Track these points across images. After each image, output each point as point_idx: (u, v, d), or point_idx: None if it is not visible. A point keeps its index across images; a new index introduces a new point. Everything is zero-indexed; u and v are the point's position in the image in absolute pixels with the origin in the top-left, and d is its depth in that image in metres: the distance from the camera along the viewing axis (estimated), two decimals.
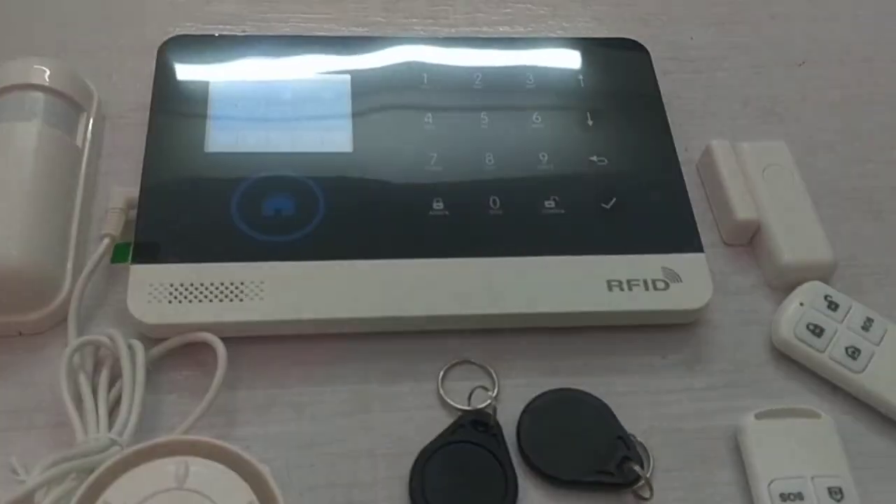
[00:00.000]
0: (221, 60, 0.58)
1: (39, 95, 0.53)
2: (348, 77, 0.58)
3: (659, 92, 0.59)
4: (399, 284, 0.50)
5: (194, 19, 0.63)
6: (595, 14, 0.67)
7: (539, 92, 0.59)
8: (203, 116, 0.55)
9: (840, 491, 0.46)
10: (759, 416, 0.48)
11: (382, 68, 0.59)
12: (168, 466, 0.38)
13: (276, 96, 0.57)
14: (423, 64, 0.59)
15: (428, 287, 0.50)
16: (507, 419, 0.48)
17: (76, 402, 0.45)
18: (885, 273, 0.56)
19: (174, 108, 0.55)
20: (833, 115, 0.63)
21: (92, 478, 0.37)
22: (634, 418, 0.49)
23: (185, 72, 0.57)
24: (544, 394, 0.49)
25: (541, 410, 0.48)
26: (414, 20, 0.65)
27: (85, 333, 0.48)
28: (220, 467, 0.38)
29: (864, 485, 0.47)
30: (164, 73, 0.56)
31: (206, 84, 0.56)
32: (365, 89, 0.57)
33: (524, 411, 0.48)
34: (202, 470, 0.38)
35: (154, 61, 0.57)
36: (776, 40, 0.67)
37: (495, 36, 0.65)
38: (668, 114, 0.58)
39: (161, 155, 0.53)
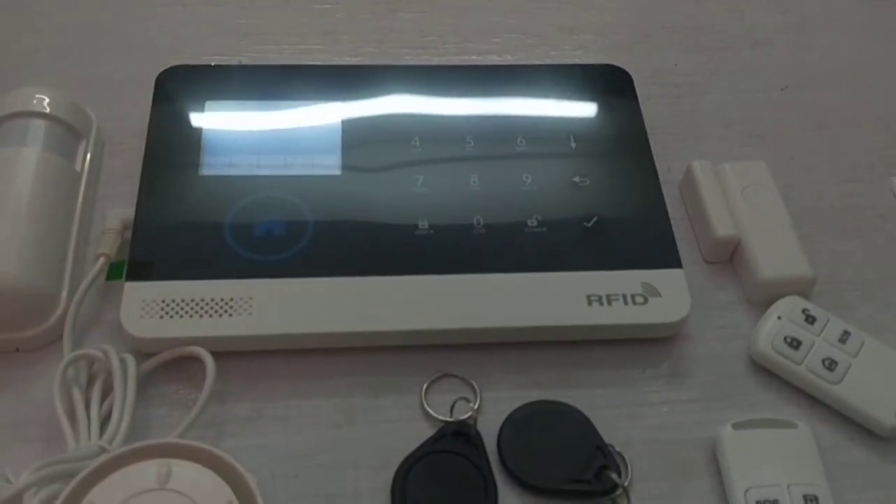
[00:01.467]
0: (217, 89, 0.60)
1: (41, 122, 0.55)
2: (339, 104, 0.60)
3: (641, 116, 0.61)
4: (384, 300, 0.51)
5: (192, 51, 0.65)
6: (581, 42, 0.69)
7: (524, 116, 0.60)
8: (198, 142, 0.57)
9: (815, 499, 0.47)
10: (736, 427, 0.49)
11: (372, 96, 0.60)
12: (151, 468, 0.39)
13: (268, 124, 0.58)
14: (412, 91, 0.61)
15: (412, 303, 0.51)
16: (489, 430, 0.49)
17: (69, 414, 0.47)
18: (865, 289, 0.57)
19: (170, 135, 0.57)
20: (813, 137, 0.65)
21: (78, 478, 0.39)
22: (613, 429, 0.49)
23: (182, 100, 0.59)
24: (525, 405, 0.50)
25: (521, 421, 0.49)
26: (405, 50, 0.68)
27: (80, 349, 0.50)
28: (202, 469, 0.39)
29: (839, 493, 0.48)
30: (161, 101, 0.59)
31: (201, 111, 0.58)
32: (355, 115, 0.59)
33: (505, 422, 0.49)
34: (184, 471, 0.39)
35: (152, 90, 0.59)
36: (758, 66, 0.69)
37: (483, 63, 0.67)
38: (651, 137, 0.60)
39: (157, 178, 0.55)
